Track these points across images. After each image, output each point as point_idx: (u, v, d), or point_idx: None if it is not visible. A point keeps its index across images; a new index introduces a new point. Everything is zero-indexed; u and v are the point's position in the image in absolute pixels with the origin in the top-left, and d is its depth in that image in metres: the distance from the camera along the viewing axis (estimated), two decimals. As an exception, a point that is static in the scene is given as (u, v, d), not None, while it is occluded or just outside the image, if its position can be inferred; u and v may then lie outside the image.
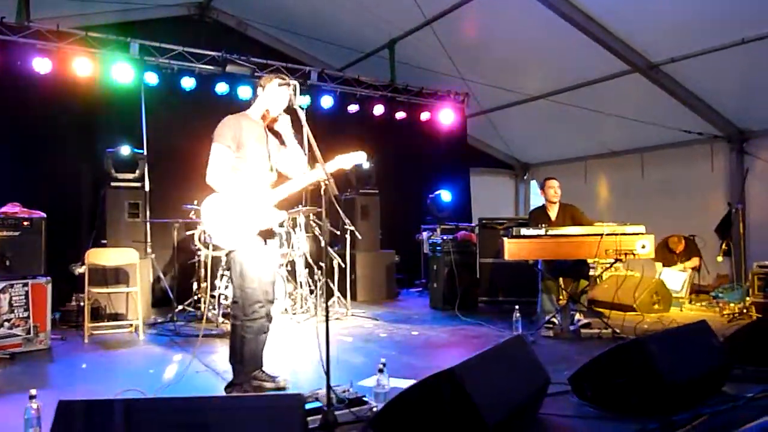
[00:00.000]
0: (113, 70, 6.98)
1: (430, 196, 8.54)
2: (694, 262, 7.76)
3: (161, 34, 7.78)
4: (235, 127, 3.45)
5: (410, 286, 8.67)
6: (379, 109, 8.73)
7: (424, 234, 7.97)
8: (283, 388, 3.57)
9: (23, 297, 4.75)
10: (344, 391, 3.26)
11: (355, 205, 7.90)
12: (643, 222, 9.02)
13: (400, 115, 8.97)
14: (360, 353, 4.75)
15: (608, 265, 5.71)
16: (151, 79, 7.24)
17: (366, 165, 8.03)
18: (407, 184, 9.06)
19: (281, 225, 6.66)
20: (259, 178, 3.56)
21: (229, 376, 3.55)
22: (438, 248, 7.07)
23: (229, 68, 7.70)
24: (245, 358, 3.43)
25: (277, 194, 3.59)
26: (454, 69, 8.83)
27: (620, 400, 3.19)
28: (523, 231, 5.09)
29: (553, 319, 5.42)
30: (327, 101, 8.37)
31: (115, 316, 6.05)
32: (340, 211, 6.39)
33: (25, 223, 4.88)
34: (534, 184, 11.81)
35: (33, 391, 2.73)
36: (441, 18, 8.10)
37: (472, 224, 7.70)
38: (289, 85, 3.59)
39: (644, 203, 9.52)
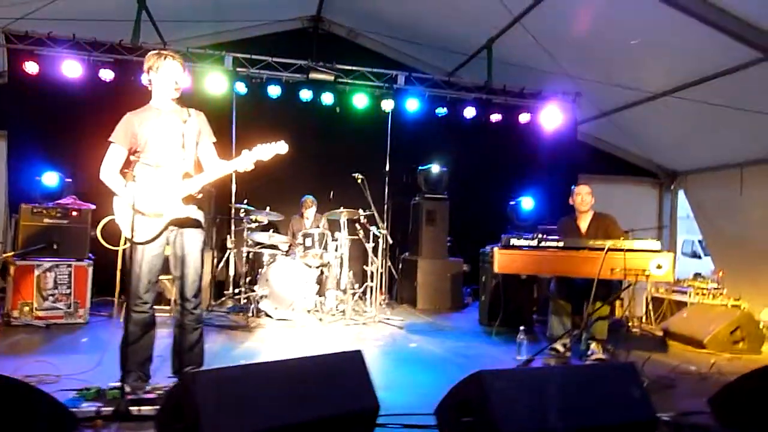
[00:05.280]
0: (207, 81, 7.73)
1: (511, 203, 7.88)
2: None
3: (280, 47, 8.40)
4: (128, 123, 3.53)
5: (487, 297, 8.10)
6: (470, 112, 8.33)
7: (502, 244, 7.36)
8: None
9: (67, 276, 5.56)
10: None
11: (421, 210, 7.64)
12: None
13: (495, 117, 8.44)
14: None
15: (624, 288, 4.69)
16: (241, 88, 7.85)
17: (436, 170, 7.74)
18: (496, 190, 8.50)
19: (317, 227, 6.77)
20: (164, 170, 3.54)
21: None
22: (486, 258, 6.51)
23: (312, 75, 8.01)
24: (124, 345, 3.55)
25: (187, 186, 3.56)
26: (561, 67, 8.09)
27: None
28: (514, 241, 4.48)
29: (558, 346, 4.66)
30: (413, 104, 8.23)
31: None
32: (375, 214, 6.40)
33: (74, 213, 5.69)
34: (682, 194, 10.18)
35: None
36: (530, 12, 7.48)
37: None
38: (165, 54, 3.55)
39: (814, 220, 7.73)
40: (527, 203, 7.74)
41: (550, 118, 8.54)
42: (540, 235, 4.50)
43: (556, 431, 2.54)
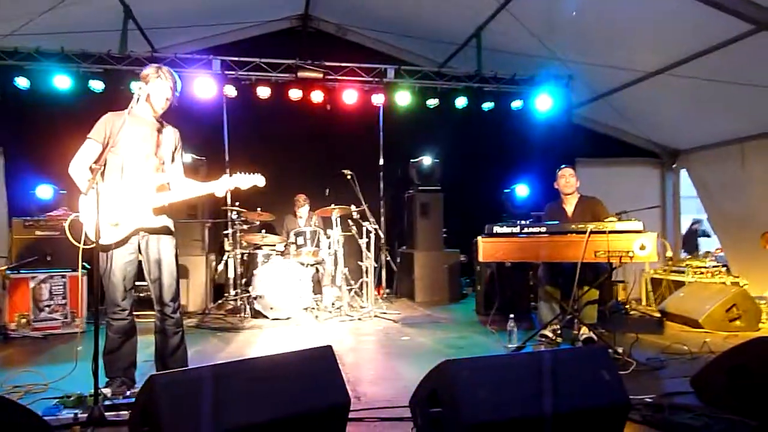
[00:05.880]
0: (195, 86, 7.74)
1: (505, 191, 7.83)
2: None
3: (270, 48, 8.40)
4: (109, 123, 3.52)
5: (486, 288, 8.05)
6: (461, 102, 8.28)
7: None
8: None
9: (61, 287, 5.62)
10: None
11: (414, 203, 7.62)
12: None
13: (487, 105, 8.38)
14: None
15: (610, 271, 4.57)
16: (230, 91, 7.86)
17: (428, 162, 7.71)
18: (491, 179, 8.45)
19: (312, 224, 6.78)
20: (137, 177, 3.54)
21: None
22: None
23: (300, 74, 8.00)
24: (105, 351, 3.57)
25: (159, 198, 3.56)
26: (551, 51, 8.02)
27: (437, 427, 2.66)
28: (497, 229, 4.44)
29: (548, 332, 4.62)
30: (404, 98, 8.19)
31: (175, 307, 6.76)
32: (366, 209, 6.39)
33: (64, 224, 5.73)
34: (684, 173, 10.03)
35: None
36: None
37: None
38: (163, 73, 3.55)
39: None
40: (522, 191, 7.68)
41: (543, 103, 8.45)
42: (522, 222, 4.46)
43: (522, 419, 2.52)
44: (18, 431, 2.59)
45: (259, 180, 3.72)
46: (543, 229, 4.33)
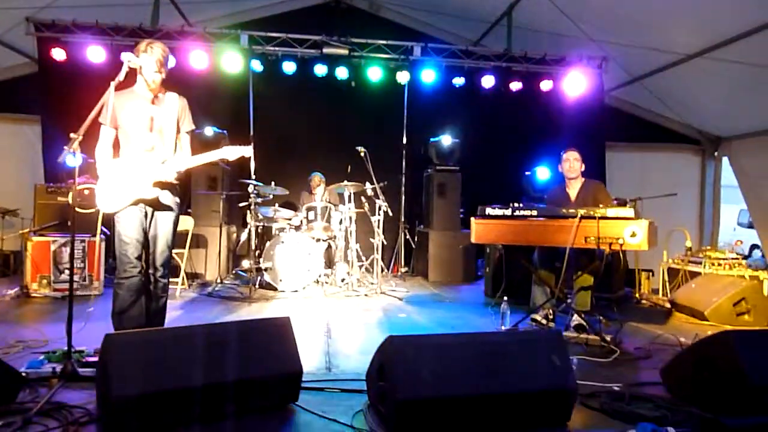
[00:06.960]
0: (222, 60, 7.87)
1: (526, 173, 7.68)
2: None
3: (301, 24, 8.45)
4: (107, 103, 3.59)
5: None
6: (488, 81, 8.14)
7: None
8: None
9: (81, 251, 5.90)
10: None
11: (432, 183, 7.57)
12: None
13: (515, 85, 8.21)
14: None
15: (602, 258, 4.45)
16: (257, 66, 7.97)
17: (447, 141, 7.63)
18: (516, 161, 8.29)
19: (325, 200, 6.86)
20: (135, 151, 3.69)
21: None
22: (489, 230, 6.38)
23: (325, 50, 8.03)
24: (115, 311, 3.74)
25: (158, 172, 3.70)
26: (584, 31, 7.77)
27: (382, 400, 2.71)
28: (489, 210, 4.40)
29: (539, 317, 4.56)
30: (429, 76, 8.12)
31: (195, 276, 7.03)
32: (377, 187, 6.41)
33: (86, 192, 6.00)
34: (726, 161, 9.57)
35: None
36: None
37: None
38: (151, 48, 3.62)
39: None
40: (543, 173, 7.52)
41: (575, 84, 8.22)
42: (514, 204, 4.40)
43: (462, 398, 2.53)
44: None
45: (246, 151, 3.79)
46: (534, 213, 4.26)
